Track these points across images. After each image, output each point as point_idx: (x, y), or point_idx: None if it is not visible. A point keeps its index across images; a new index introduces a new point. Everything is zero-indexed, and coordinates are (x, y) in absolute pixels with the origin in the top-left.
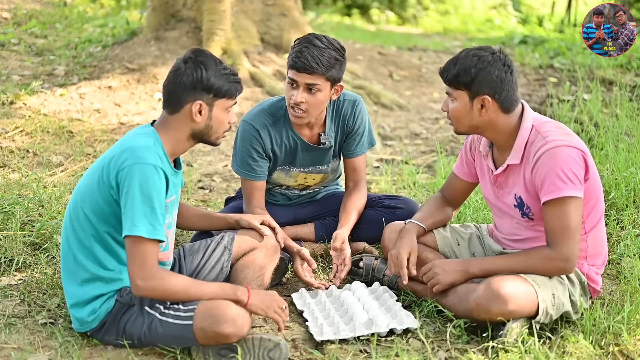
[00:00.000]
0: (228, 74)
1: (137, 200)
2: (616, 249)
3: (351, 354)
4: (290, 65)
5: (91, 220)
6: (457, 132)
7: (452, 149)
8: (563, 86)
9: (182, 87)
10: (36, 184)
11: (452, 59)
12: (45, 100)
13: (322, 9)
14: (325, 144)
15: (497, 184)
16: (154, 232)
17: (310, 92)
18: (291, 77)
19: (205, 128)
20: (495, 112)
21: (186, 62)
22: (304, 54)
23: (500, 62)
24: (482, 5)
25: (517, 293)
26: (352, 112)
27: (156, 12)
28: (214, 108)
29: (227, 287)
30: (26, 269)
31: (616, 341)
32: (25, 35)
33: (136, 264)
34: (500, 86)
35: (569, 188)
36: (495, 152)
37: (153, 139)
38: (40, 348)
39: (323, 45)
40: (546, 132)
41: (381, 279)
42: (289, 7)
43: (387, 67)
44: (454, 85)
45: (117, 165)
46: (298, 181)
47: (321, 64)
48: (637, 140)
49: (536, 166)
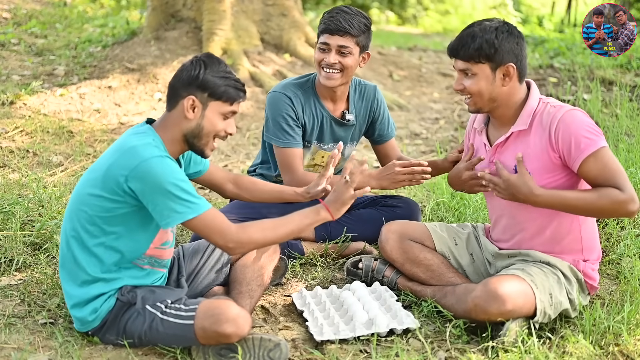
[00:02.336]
0: (229, 78)
1: (166, 193)
2: (616, 249)
3: (351, 354)
4: (323, 29)
5: (96, 223)
6: (474, 110)
7: (452, 149)
8: (563, 86)
9: (180, 82)
10: (36, 184)
11: (464, 35)
12: (45, 100)
13: (322, 9)
14: (350, 120)
15: (494, 158)
16: (198, 208)
17: (342, 54)
18: (323, 42)
19: (196, 128)
20: (514, 82)
21: (192, 60)
22: (337, 18)
23: (514, 31)
24: (482, 5)
25: (515, 293)
26: (374, 97)
27: (156, 12)
28: (208, 108)
29: (309, 213)
30: (26, 269)
31: (616, 341)
32: (25, 35)
33: (214, 235)
34: (520, 53)
35: (600, 139)
36: (491, 129)
37: (151, 137)
38: (40, 348)
39: (353, 12)
40: (555, 102)
41: (381, 280)
42: (289, 7)
43: (387, 67)
44: (475, 59)
45: (123, 169)
46: (315, 160)
47: (353, 26)
48: (637, 140)
49: (557, 131)
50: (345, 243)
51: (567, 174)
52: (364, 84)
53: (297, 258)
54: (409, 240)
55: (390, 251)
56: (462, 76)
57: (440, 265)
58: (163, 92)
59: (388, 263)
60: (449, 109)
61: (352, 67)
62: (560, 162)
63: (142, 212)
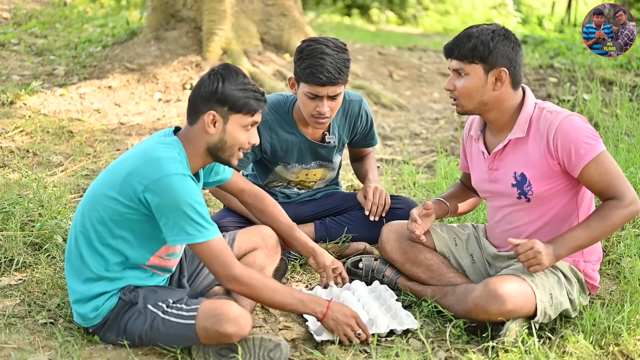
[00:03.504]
0: (248, 89)
1: (180, 213)
2: (616, 249)
3: (351, 354)
4: (311, 80)
5: (107, 224)
6: (462, 112)
7: (452, 149)
8: (563, 86)
9: (199, 98)
10: (36, 184)
11: (460, 35)
12: (45, 100)
13: (322, 9)
14: (330, 143)
15: (492, 166)
16: (209, 234)
17: (333, 99)
18: (313, 93)
19: (219, 142)
20: (506, 87)
21: (210, 74)
22: (324, 67)
23: (512, 37)
24: (482, 5)
25: (515, 293)
26: (359, 113)
27: (156, 12)
28: (229, 122)
29: (310, 302)
30: (26, 269)
31: (616, 341)
32: (25, 35)
33: (216, 265)
34: (515, 59)
35: (598, 144)
36: (488, 136)
37: (177, 150)
38: (40, 348)
39: (334, 51)
40: (551, 108)
41: (381, 280)
42: (289, 7)
43: (387, 67)
44: (469, 59)
45: (142, 179)
46: (299, 177)
47: (342, 72)
48: (637, 140)
49: (556, 138)
50: (346, 243)
51: (566, 180)
52: (349, 99)
53: (298, 258)
54: (409, 240)
55: (391, 251)
56: (455, 76)
57: (440, 265)
58: (163, 92)
59: (388, 263)
60: (449, 109)
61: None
62: (559, 168)
63: (152, 222)
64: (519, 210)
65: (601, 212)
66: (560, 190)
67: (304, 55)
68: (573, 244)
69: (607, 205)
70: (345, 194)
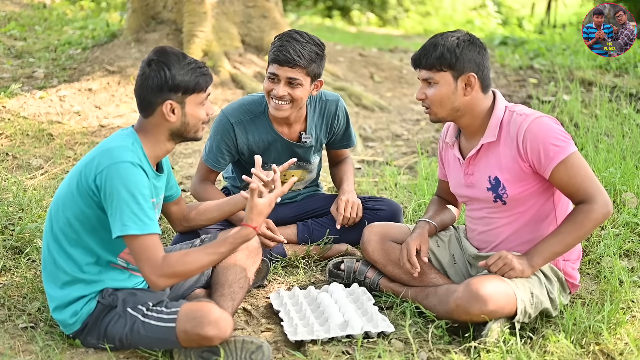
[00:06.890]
0: (194, 68)
1: (121, 200)
2: (596, 249)
3: (333, 356)
4: (272, 59)
5: (72, 225)
6: (436, 119)
7: (433, 150)
8: (543, 87)
9: (150, 91)
10: (16, 187)
11: (426, 45)
12: (24, 102)
13: (303, 11)
14: (306, 142)
15: (468, 171)
16: (145, 227)
17: (291, 86)
18: (272, 72)
19: (181, 126)
20: (477, 92)
21: (149, 64)
22: (286, 48)
23: (477, 42)
24: (463, 7)
25: (496, 293)
26: (335, 113)
27: (136, 14)
28: (186, 105)
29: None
30: (6, 273)
31: (597, 340)
32: (4, 38)
33: (142, 262)
34: (482, 63)
35: (568, 145)
36: (463, 141)
37: (132, 139)
38: (21, 352)
39: (304, 40)
40: (521, 110)
41: (363, 281)
42: (269, 9)
43: (368, 69)
44: (437, 67)
45: (94, 168)
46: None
47: (302, 57)
48: (617, 140)
49: (525, 141)
50: (328, 245)
51: (540, 181)
52: (325, 99)
53: (279, 260)
54: (390, 241)
55: (372, 252)
56: (425, 85)
57: (422, 266)
58: None
59: (370, 264)
60: None
61: (303, 98)
62: (531, 170)
63: None
64: (496, 212)
65: (573, 218)
66: (536, 192)
67: (276, 39)
68: (549, 250)
69: (579, 211)
70: (326, 196)
